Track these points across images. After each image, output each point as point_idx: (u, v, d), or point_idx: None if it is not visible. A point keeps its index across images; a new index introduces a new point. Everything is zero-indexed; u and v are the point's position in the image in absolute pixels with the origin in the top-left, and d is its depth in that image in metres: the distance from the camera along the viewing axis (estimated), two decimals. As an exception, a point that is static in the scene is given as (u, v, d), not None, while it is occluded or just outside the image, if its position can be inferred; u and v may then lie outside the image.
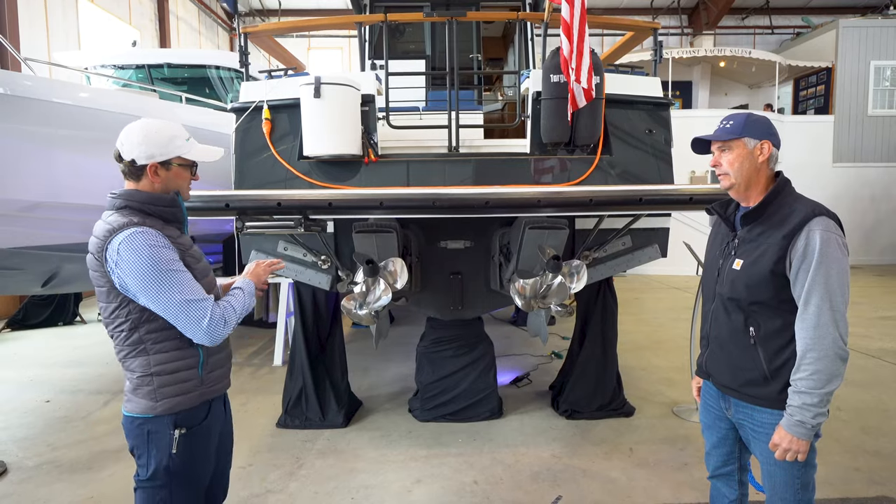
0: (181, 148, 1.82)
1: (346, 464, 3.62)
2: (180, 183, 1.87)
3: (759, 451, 1.88)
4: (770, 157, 1.83)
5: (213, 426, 1.92)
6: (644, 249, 4.05)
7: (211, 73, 7.32)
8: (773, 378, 1.81)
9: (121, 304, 1.74)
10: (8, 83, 3.81)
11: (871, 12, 16.75)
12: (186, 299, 1.69)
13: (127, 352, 1.78)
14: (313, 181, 3.63)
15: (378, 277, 3.11)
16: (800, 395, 1.71)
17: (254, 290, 1.96)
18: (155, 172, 1.79)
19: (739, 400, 1.91)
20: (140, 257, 1.65)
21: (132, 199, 1.76)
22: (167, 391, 1.78)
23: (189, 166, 1.88)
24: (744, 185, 1.85)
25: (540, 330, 3.86)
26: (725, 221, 1.96)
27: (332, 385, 4.33)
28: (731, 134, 1.84)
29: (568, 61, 3.36)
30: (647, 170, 3.80)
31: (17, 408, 4.64)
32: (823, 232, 1.70)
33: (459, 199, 3.02)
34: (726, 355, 1.94)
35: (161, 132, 1.79)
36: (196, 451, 1.84)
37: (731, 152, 1.85)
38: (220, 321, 1.73)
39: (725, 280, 1.90)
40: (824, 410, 1.71)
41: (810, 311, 1.70)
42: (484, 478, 3.43)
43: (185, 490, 1.83)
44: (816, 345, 1.69)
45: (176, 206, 1.84)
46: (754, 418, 1.87)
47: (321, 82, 3.39)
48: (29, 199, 3.99)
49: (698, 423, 4.15)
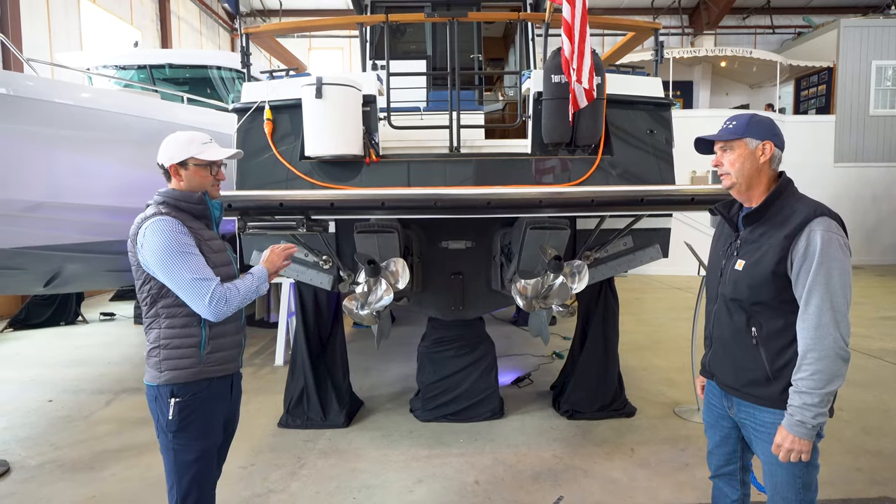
0: (195, 150, 2.10)
1: (347, 464, 3.63)
2: (202, 181, 2.13)
3: (761, 451, 1.89)
4: (772, 157, 1.83)
5: (211, 403, 2.11)
6: (645, 250, 4.05)
7: (212, 73, 7.32)
8: (776, 378, 1.81)
9: (144, 280, 2.03)
10: (10, 83, 3.81)
11: (873, 12, 16.74)
12: (193, 277, 1.94)
13: (147, 323, 2.08)
14: (315, 181, 3.63)
15: (380, 277, 3.12)
16: (800, 394, 1.71)
17: (265, 275, 2.14)
18: (176, 172, 2.11)
19: (742, 399, 1.91)
20: (159, 238, 1.94)
21: (168, 196, 2.09)
22: (168, 364, 2.04)
23: (206, 166, 2.13)
24: (745, 185, 1.86)
25: (541, 330, 3.86)
26: (728, 222, 1.97)
27: (334, 385, 4.34)
28: (732, 134, 1.84)
29: (569, 61, 3.36)
30: (649, 170, 3.80)
31: (20, 407, 4.65)
32: (825, 232, 1.70)
33: (461, 200, 3.02)
34: (729, 355, 1.94)
35: (179, 138, 2.11)
36: (193, 420, 2.06)
37: (733, 152, 1.85)
38: (222, 300, 1.96)
39: (728, 280, 1.90)
40: (825, 410, 1.71)
41: (811, 312, 1.70)
42: (485, 478, 3.44)
43: (188, 455, 2.07)
44: (817, 345, 1.69)
45: (203, 204, 2.13)
46: (756, 418, 1.88)
47: (323, 83, 3.40)
48: (31, 200, 3.99)
49: (699, 424, 4.18)
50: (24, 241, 4.07)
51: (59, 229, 4.22)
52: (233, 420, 2.33)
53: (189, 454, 2.07)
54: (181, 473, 2.08)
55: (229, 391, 2.21)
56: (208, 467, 2.15)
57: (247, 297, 2.05)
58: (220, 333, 2.13)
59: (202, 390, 2.08)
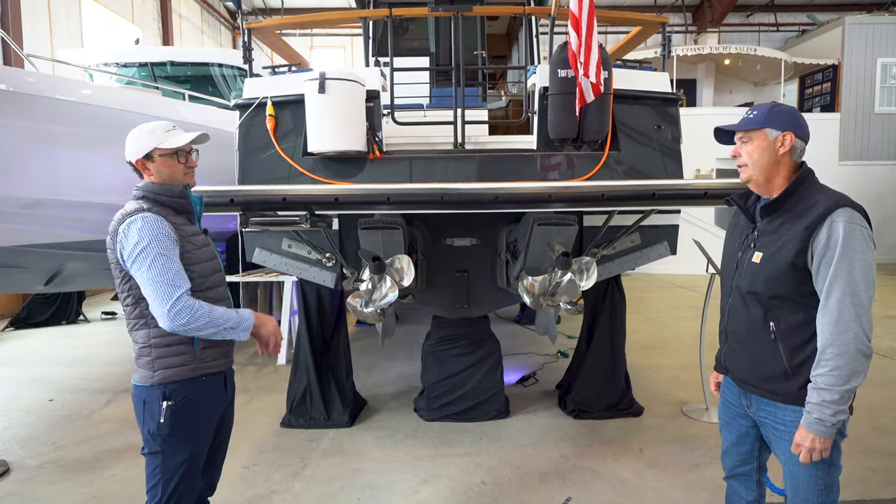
0: (157, 139, 1.99)
1: (351, 464, 3.58)
2: (171, 171, 2.02)
3: (781, 451, 1.83)
4: (792, 149, 1.77)
5: (205, 402, 2.04)
6: (653, 247, 3.99)
7: (214, 70, 7.28)
8: (795, 374, 1.75)
9: (124, 278, 1.95)
10: (11, 80, 3.77)
11: (878, 9, 16.65)
12: (162, 280, 1.85)
13: (132, 324, 2.00)
14: (317, 178, 3.58)
15: (384, 275, 3.06)
16: (819, 391, 1.66)
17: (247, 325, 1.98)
18: (143, 166, 2.01)
19: (760, 396, 1.85)
20: (138, 236, 1.87)
21: (147, 190, 1.99)
22: (162, 362, 1.96)
23: (172, 155, 2.01)
24: (762, 177, 1.80)
25: (549, 328, 3.81)
26: (745, 213, 1.90)
27: (337, 384, 4.29)
28: (752, 124, 1.78)
29: (576, 55, 3.30)
30: (656, 166, 3.74)
31: (21, 407, 4.61)
32: (847, 223, 1.65)
33: (468, 195, 2.96)
34: (746, 350, 1.88)
35: (139, 131, 2.01)
36: (185, 423, 1.98)
37: (752, 143, 1.79)
38: (186, 310, 1.84)
39: (745, 273, 1.84)
40: (844, 408, 1.66)
41: (831, 305, 1.65)
42: (492, 478, 3.38)
43: (176, 459, 1.98)
44: (837, 340, 1.63)
45: (184, 198, 2.04)
46: (776, 416, 1.82)
47: (326, 77, 3.35)
48: (31, 197, 3.95)
49: (708, 424, 4.13)
50: (24, 238, 4.04)
51: (59, 227, 4.18)
52: (227, 421, 2.26)
53: (177, 457, 1.99)
54: (168, 476, 1.98)
55: (223, 389, 2.14)
56: (194, 471, 2.06)
57: (216, 323, 1.90)
58: None
59: (195, 390, 2.01)
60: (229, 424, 2.29)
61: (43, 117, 3.93)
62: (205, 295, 2.02)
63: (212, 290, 2.08)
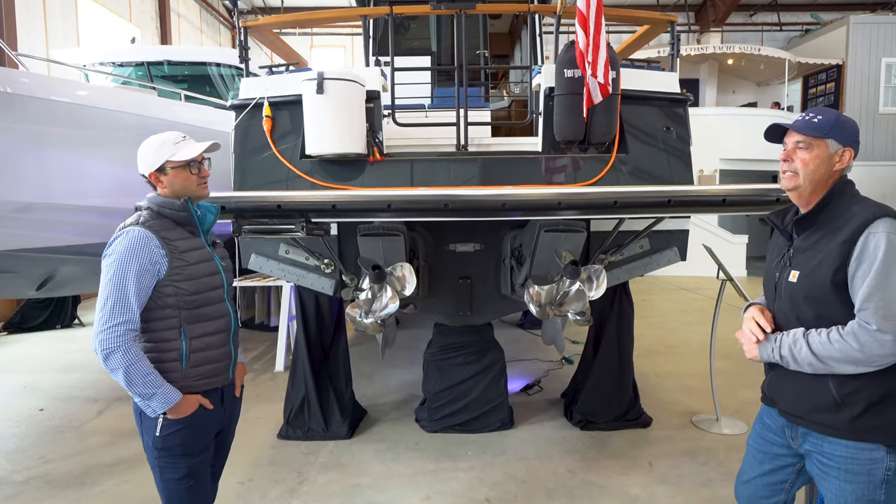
0: (168, 152, 1.97)
1: (350, 479, 3.45)
2: (185, 183, 2.00)
3: (829, 488, 1.67)
4: (847, 166, 1.64)
5: (200, 418, 1.98)
6: (663, 252, 3.86)
7: (211, 70, 7.16)
8: (845, 404, 1.61)
9: None
10: (3, 80, 3.65)
11: (882, 8, 16.51)
12: (111, 307, 1.82)
13: None
14: (316, 181, 3.45)
15: (385, 284, 2.92)
16: (797, 339, 1.64)
17: (168, 401, 1.87)
18: (157, 179, 2.00)
19: (809, 429, 1.71)
20: (115, 248, 1.87)
21: (152, 202, 2.00)
22: None
23: (184, 167, 1.99)
24: (809, 189, 1.66)
25: (556, 339, 3.68)
26: (781, 231, 1.76)
27: (336, 394, 4.16)
28: (817, 131, 1.63)
29: (584, 55, 3.17)
30: (665, 169, 3.61)
31: (10, 416, 4.48)
32: (887, 234, 1.51)
33: (474, 202, 2.80)
34: (790, 379, 1.73)
35: (150, 144, 1.99)
36: (179, 437, 1.94)
37: (810, 151, 1.64)
38: (114, 349, 1.80)
39: (784, 295, 1.71)
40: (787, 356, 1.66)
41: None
42: (496, 494, 3.26)
43: (175, 471, 1.97)
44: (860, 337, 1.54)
45: (186, 211, 2.01)
46: (825, 450, 1.67)
47: (324, 77, 3.22)
48: (23, 200, 3.82)
49: (719, 435, 3.99)
50: (16, 243, 3.91)
51: (51, 231, 4.06)
52: (227, 436, 2.22)
53: (176, 472, 1.97)
54: (170, 491, 2.00)
55: (220, 404, 2.08)
56: (199, 486, 2.03)
57: (129, 379, 1.81)
58: (205, 346, 2.00)
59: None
60: (229, 441, 2.25)
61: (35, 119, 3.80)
62: (197, 312, 1.97)
63: (207, 306, 2.00)
